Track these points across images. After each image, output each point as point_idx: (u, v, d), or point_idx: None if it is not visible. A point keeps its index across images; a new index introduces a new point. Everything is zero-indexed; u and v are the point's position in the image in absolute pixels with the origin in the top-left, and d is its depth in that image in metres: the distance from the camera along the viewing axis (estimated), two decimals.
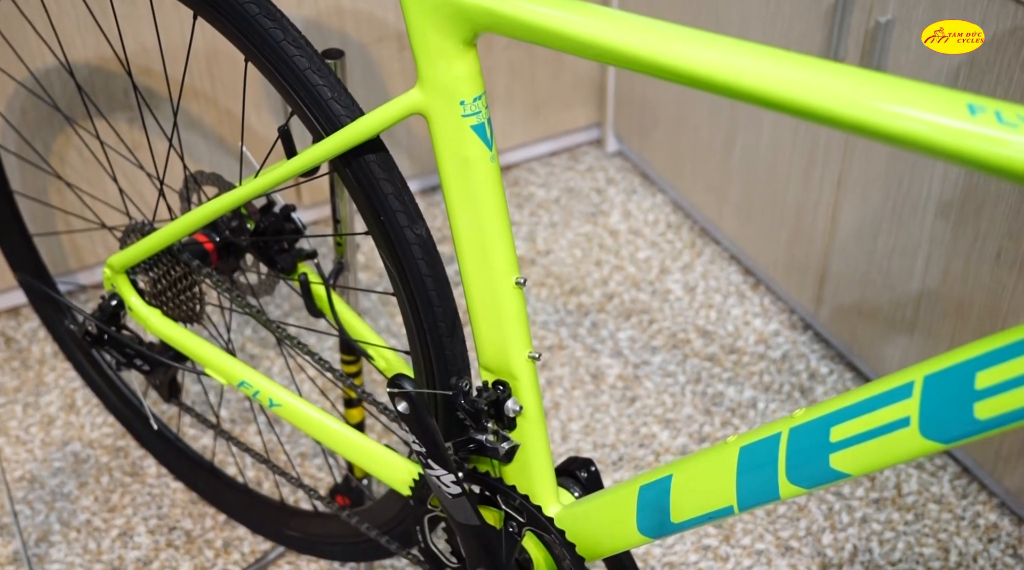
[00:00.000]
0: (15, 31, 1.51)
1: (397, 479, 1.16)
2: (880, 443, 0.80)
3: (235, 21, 1.01)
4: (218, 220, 1.25)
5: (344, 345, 1.32)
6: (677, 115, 1.95)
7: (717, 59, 0.76)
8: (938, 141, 0.69)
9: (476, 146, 0.92)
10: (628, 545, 1.02)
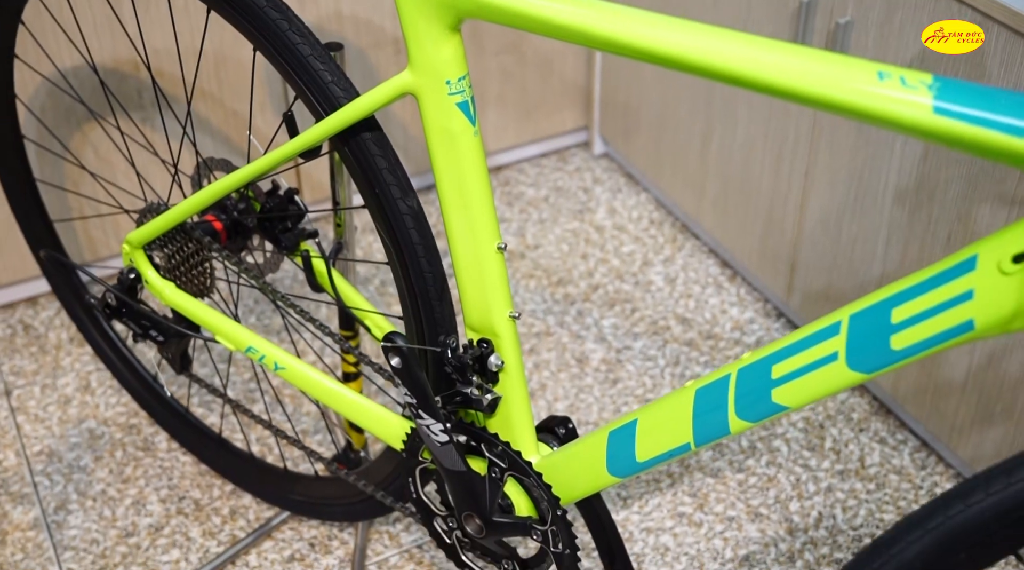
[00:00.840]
0: (40, 30, 1.62)
1: (391, 434, 1.27)
2: (814, 376, 0.91)
3: (245, 13, 1.12)
4: (227, 202, 1.36)
5: (343, 319, 1.43)
6: (658, 118, 2.07)
7: (669, 37, 0.87)
8: (853, 103, 0.80)
9: (461, 121, 1.04)
10: (599, 486, 1.13)
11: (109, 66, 1.77)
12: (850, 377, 0.89)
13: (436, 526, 1.28)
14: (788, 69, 0.82)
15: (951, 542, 0.82)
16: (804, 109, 1.70)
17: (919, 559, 0.83)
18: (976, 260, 0.80)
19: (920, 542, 0.83)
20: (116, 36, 1.75)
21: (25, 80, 1.67)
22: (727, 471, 1.71)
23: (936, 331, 0.83)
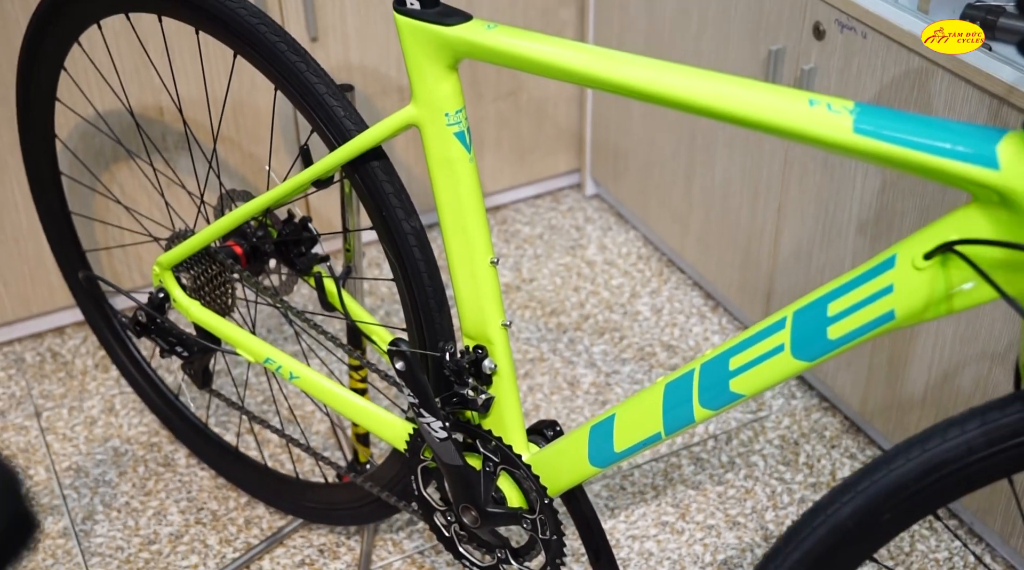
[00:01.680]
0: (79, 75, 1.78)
1: (394, 436, 1.40)
2: (765, 366, 1.05)
3: (268, 57, 1.28)
4: (247, 230, 1.50)
5: (351, 335, 1.56)
6: (645, 160, 2.22)
7: (635, 72, 1.02)
8: (788, 126, 0.95)
9: (458, 149, 1.18)
10: (582, 476, 1.26)
11: (137, 111, 1.93)
12: (795, 365, 1.03)
13: (436, 521, 1.41)
14: (737, 99, 0.97)
15: (877, 503, 0.95)
16: (776, 150, 1.85)
17: (851, 518, 0.96)
18: (895, 259, 0.94)
19: (852, 503, 0.96)
20: (143, 84, 1.90)
21: (59, 121, 1.82)
22: (707, 484, 1.83)
23: (864, 321, 0.97)
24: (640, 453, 1.27)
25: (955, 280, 0.91)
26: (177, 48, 1.83)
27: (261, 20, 1.29)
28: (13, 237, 1.98)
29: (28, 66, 1.55)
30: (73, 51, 1.54)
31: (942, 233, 0.91)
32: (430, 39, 1.13)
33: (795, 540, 0.98)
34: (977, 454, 0.92)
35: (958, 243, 0.89)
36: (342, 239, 1.58)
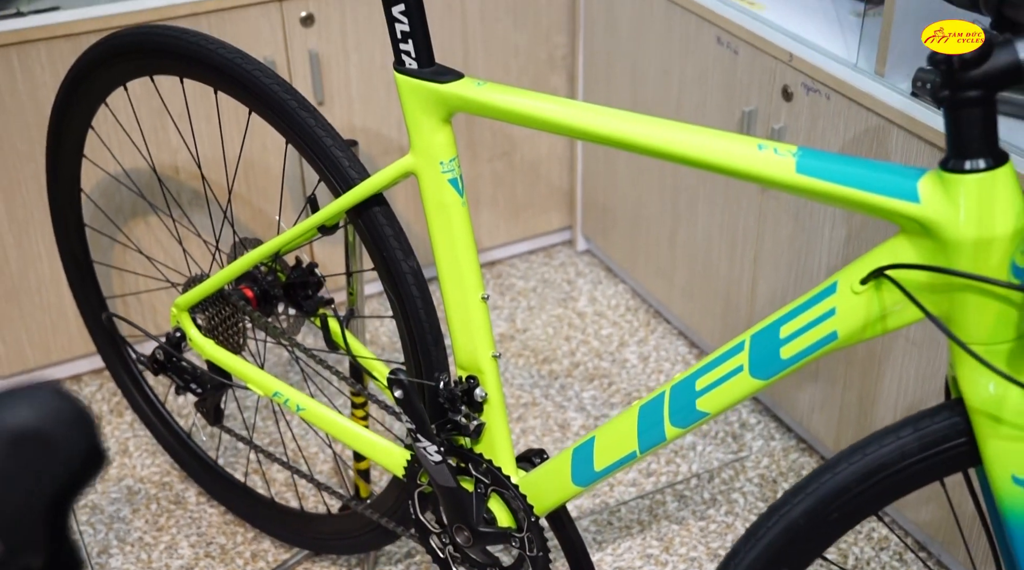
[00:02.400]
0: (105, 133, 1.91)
1: (393, 463, 1.50)
2: (727, 386, 1.16)
3: (280, 113, 1.41)
4: (257, 274, 1.63)
5: (353, 371, 1.68)
6: (632, 218, 2.35)
7: (606, 122, 1.15)
8: (740, 167, 1.07)
9: (452, 195, 1.31)
10: (567, 495, 1.36)
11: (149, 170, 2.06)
12: (753, 384, 1.14)
13: (432, 543, 1.51)
14: (697, 146, 1.10)
15: (825, 503, 1.06)
16: (751, 204, 1.98)
17: (802, 517, 1.07)
18: (836, 285, 1.06)
19: (802, 503, 1.06)
20: (159, 143, 2.04)
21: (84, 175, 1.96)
22: (690, 519, 1.93)
23: (812, 341, 1.08)
24: (617, 472, 1.37)
25: (888, 303, 1.03)
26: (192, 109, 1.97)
27: (274, 80, 1.42)
28: (36, 288, 2.11)
29: (59, 125, 1.69)
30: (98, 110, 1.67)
31: (875, 260, 1.03)
32: (426, 95, 1.26)
33: (753, 539, 1.09)
34: (911, 458, 1.04)
35: (887, 268, 1.01)
36: (346, 283, 1.70)
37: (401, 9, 1.24)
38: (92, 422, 0.55)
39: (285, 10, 2.07)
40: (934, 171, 0.98)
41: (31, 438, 0.53)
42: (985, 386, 0.99)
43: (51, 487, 0.54)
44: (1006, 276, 0.96)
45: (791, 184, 1.05)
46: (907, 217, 0.99)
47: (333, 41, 2.13)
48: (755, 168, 1.06)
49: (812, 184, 1.03)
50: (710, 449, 2.06)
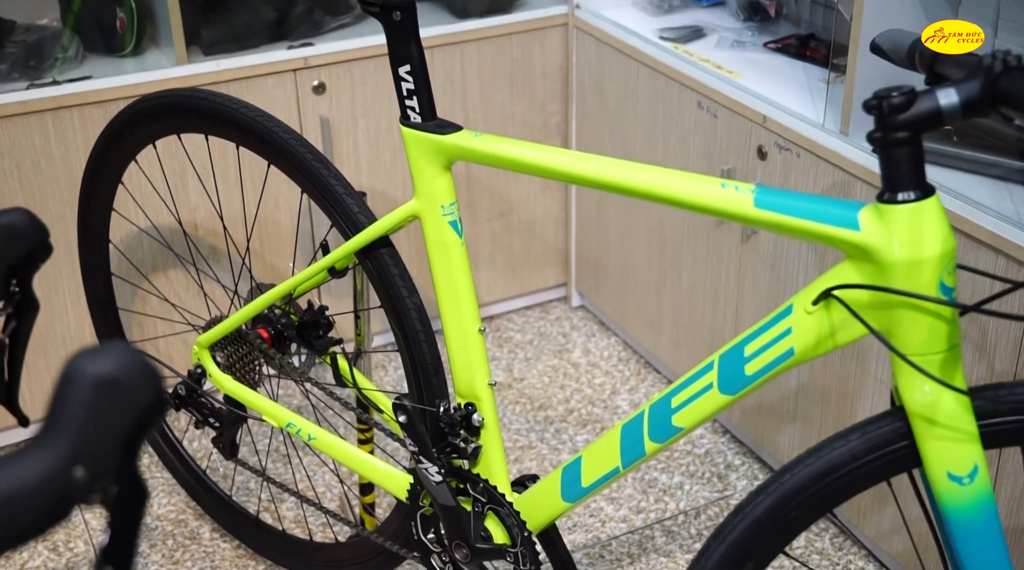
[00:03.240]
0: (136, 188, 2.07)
1: (397, 487, 1.62)
2: (699, 402, 1.29)
3: (296, 165, 1.56)
4: (272, 316, 1.76)
5: (360, 405, 1.80)
6: (622, 274, 2.49)
7: (590, 167, 1.30)
8: (707, 204, 1.21)
9: (452, 235, 1.45)
10: (557, 511, 1.48)
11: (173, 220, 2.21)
12: (723, 400, 1.27)
13: (433, 563, 1.63)
14: (668, 186, 1.24)
15: (784, 502, 1.18)
16: (732, 256, 2.12)
17: (764, 515, 1.19)
18: (792, 307, 1.20)
19: (764, 502, 1.19)
20: (181, 198, 2.19)
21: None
22: (678, 553, 2.04)
23: (772, 358, 1.22)
24: (602, 488, 1.48)
25: (836, 321, 1.16)
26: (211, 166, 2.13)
27: (292, 136, 1.57)
28: (62, 339, 2.24)
29: (92, 181, 1.84)
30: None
31: (824, 283, 1.16)
32: (429, 145, 1.41)
33: (721, 536, 1.21)
34: (860, 460, 1.16)
35: (834, 289, 1.15)
36: (354, 324, 1.84)
37: (407, 69, 1.40)
38: (157, 374, 0.68)
39: (299, 79, 2.24)
40: (872, 204, 1.12)
41: (110, 384, 0.66)
42: (922, 392, 1.12)
43: (125, 425, 0.67)
44: (936, 293, 1.09)
45: (750, 217, 1.19)
46: (849, 243, 1.13)
47: (342, 108, 2.30)
48: (719, 204, 1.21)
49: (768, 217, 1.18)
50: (697, 488, 2.17)
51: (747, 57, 2.17)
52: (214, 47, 2.22)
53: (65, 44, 2.18)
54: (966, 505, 1.13)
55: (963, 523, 1.14)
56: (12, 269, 1.04)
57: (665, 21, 2.35)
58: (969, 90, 1.05)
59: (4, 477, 0.65)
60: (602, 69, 2.38)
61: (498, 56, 2.41)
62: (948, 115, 1.06)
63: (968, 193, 1.65)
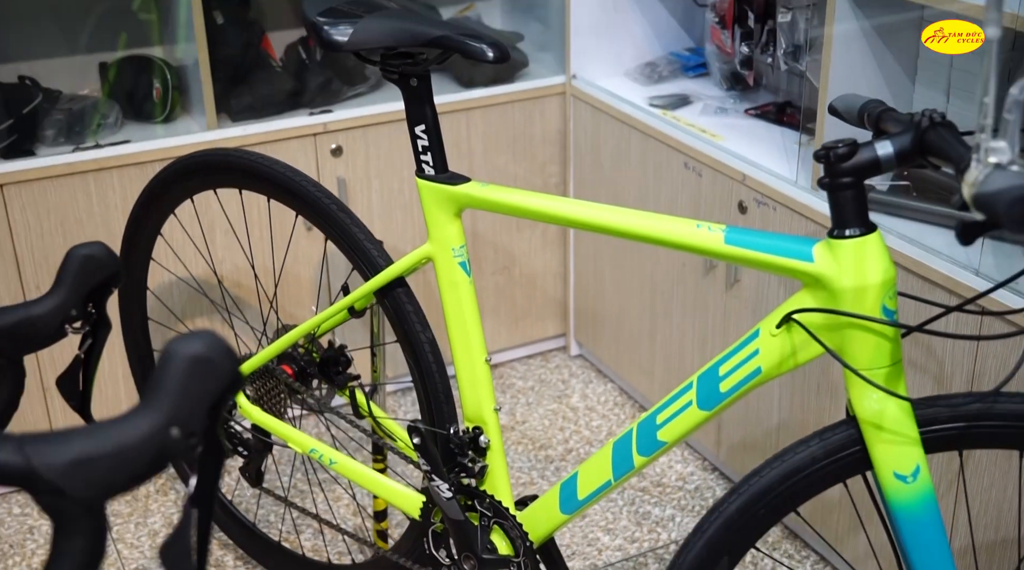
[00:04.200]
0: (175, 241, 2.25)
1: (410, 506, 1.79)
2: (681, 418, 1.46)
3: (322, 215, 1.75)
4: (296, 355, 1.94)
5: (375, 434, 1.97)
6: (616, 323, 2.67)
7: (580, 211, 1.48)
8: (683, 241, 1.40)
9: (462, 275, 1.64)
10: (556, 523, 1.64)
11: (205, 269, 2.40)
12: (701, 415, 1.44)
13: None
14: (651, 227, 1.43)
15: (754, 501, 1.35)
16: (717, 305, 2.30)
17: (737, 513, 1.35)
18: (759, 331, 1.37)
19: (736, 502, 1.36)
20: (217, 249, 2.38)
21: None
22: None
23: (743, 376, 1.39)
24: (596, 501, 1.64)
25: (796, 342, 1.34)
26: (238, 219, 2.32)
27: (317, 188, 1.77)
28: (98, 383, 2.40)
29: (134, 233, 2.03)
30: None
31: (785, 309, 1.34)
32: (441, 195, 1.60)
33: (699, 533, 1.38)
34: (819, 463, 1.33)
35: (794, 313, 1.33)
36: (370, 362, 2.02)
37: (422, 128, 1.59)
38: (235, 356, 0.86)
39: (318, 143, 2.44)
40: (824, 240, 1.31)
41: (200, 362, 0.83)
42: (871, 402, 1.30)
43: (210, 395, 0.84)
44: (879, 315, 1.27)
45: (721, 253, 1.37)
46: (805, 273, 1.31)
47: (358, 169, 2.50)
48: (695, 242, 1.39)
49: (736, 252, 1.36)
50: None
51: (729, 122, 2.38)
52: (241, 114, 2.42)
53: (104, 111, 2.39)
54: (911, 501, 1.30)
55: (909, 517, 1.31)
56: (91, 294, 1.22)
57: (655, 90, 2.56)
58: (902, 142, 1.24)
59: (117, 434, 0.82)
60: (597, 133, 2.58)
61: (501, 122, 2.62)
62: (884, 163, 1.25)
63: (923, 240, 1.84)
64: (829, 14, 1.92)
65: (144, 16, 2.56)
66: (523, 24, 2.80)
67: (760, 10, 2.33)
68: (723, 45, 2.46)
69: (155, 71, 2.42)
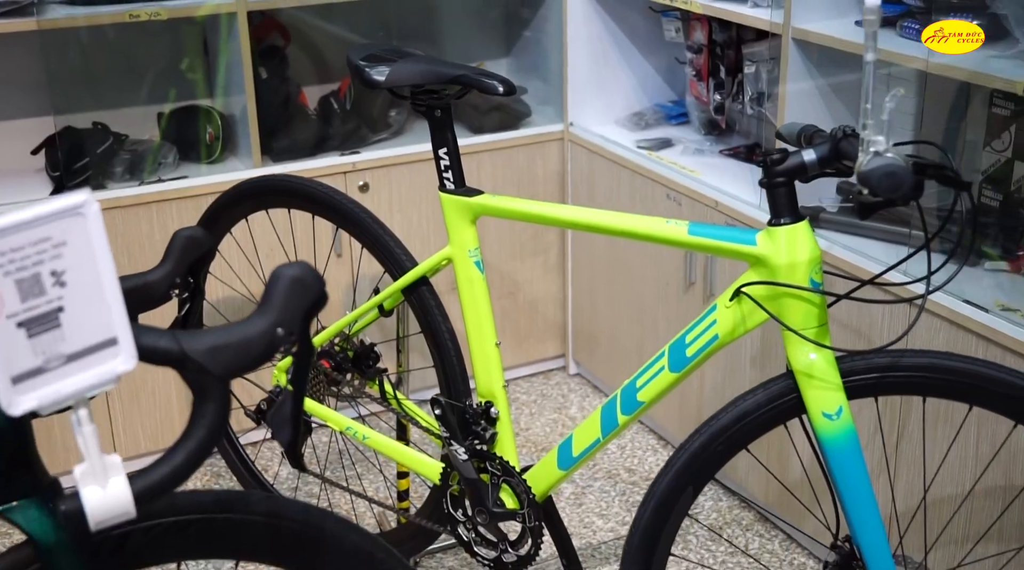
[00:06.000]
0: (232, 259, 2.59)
1: (432, 472, 2.11)
2: (655, 381, 1.80)
3: (359, 226, 2.10)
4: (333, 351, 2.27)
5: (399, 418, 2.30)
6: (610, 342, 3.01)
7: (580, 214, 1.84)
8: (654, 233, 1.75)
9: (476, 273, 1.98)
10: (555, 478, 1.97)
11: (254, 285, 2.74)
12: (672, 377, 1.78)
13: (459, 531, 2.10)
14: (633, 224, 1.78)
15: (713, 438, 1.68)
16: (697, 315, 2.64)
17: (699, 448, 1.68)
18: (716, 305, 1.72)
19: (698, 439, 1.69)
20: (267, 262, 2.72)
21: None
22: None
23: (704, 342, 1.73)
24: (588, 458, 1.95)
25: (745, 311, 1.68)
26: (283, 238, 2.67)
27: (355, 205, 2.12)
28: (152, 390, 2.74)
29: None
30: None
31: (736, 284, 1.69)
32: (460, 205, 1.96)
33: (668, 467, 1.70)
34: (763, 408, 1.67)
35: (743, 287, 1.67)
36: (396, 358, 2.36)
37: (444, 151, 1.95)
38: (322, 279, 1.20)
39: (348, 179, 2.80)
40: (764, 229, 1.65)
41: (298, 281, 1.17)
42: (804, 355, 1.63)
43: (305, 306, 1.17)
44: (808, 285, 1.62)
45: (685, 242, 1.72)
46: (750, 255, 1.66)
47: (382, 203, 2.85)
48: (665, 234, 1.74)
49: (696, 241, 1.71)
50: None
51: (705, 161, 2.74)
52: (281, 155, 2.79)
53: (164, 153, 2.75)
54: (836, 435, 1.63)
55: (834, 448, 1.64)
56: (190, 268, 1.56)
57: (641, 135, 2.93)
58: (822, 150, 1.60)
59: (241, 331, 1.16)
60: (592, 173, 2.94)
61: (508, 164, 2.98)
62: (809, 167, 1.61)
63: (864, 250, 2.19)
64: (783, 66, 2.30)
65: (191, 75, 2.94)
66: (527, 80, 3.17)
67: (730, 64, 2.70)
68: (700, 96, 2.83)
69: (208, 118, 2.79)
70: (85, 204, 1.02)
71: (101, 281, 1.07)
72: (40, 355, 1.04)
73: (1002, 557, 1.92)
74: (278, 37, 2.91)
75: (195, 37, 2.86)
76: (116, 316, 1.09)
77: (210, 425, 1.17)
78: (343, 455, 2.79)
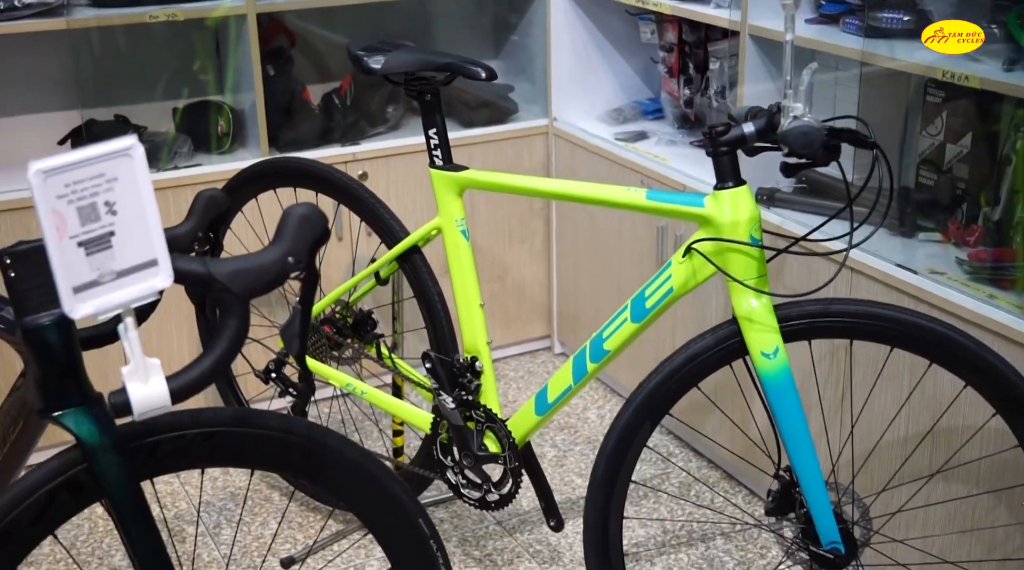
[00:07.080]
0: None
1: (423, 423, 2.34)
2: (620, 331, 2.03)
3: (357, 200, 2.34)
4: (335, 318, 2.51)
5: (394, 378, 2.53)
6: (592, 322, 3.23)
7: (553, 185, 2.08)
8: (618, 200, 1.99)
9: (462, 240, 2.22)
10: (533, 423, 2.20)
11: None
12: (634, 327, 2.02)
13: (448, 475, 2.33)
14: (600, 192, 2.03)
15: (668, 377, 1.91)
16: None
17: (655, 387, 1.92)
18: (671, 262, 1.95)
19: (655, 378, 1.92)
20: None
21: None
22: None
23: (661, 294, 1.97)
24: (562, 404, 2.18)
25: (696, 265, 1.92)
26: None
27: (354, 182, 2.37)
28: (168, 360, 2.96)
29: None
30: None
31: (688, 242, 1.92)
32: (448, 179, 2.20)
33: (629, 403, 1.94)
34: (712, 349, 1.90)
35: (693, 243, 1.91)
36: (391, 324, 2.59)
37: (434, 130, 2.20)
38: (326, 217, 1.43)
39: (348, 169, 3.04)
40: (711, 193, 1.89)
41: (306, 217, 1.41)
42: (746, 302, 1.87)
43: (312, 238, 1.41)
44: (748, 240, 1.85)
45: (644, 206, 1.97)
46: (699, 216, 1.89)
47: (379, 190, 3.05)
48: (626, 199, 1.98)
49: (653, 205, 1.95)
50: (644, 467, 2.88)
51: (677, 151, 2.98)
52: (287, 146, 3.03)
53: (179, 144, 3.00)
54: (773, 372, 1.86)
55: (772, 384, 1.87)
56: (211, 224, 1.79)
57: (620, 129, 3.17)
58: (759, 123, 1.84)
59: (258, 258, 1.39)
60: (574, 163, 3.19)
61: (496, 156, 3.22)
62: (748, 138, 1.84)
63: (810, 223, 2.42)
64: (741, 61, 2.54)
65: (202, 76, 3.19)
66: (514, 80, 3.42)
67: (699, 61, 2.95)
68: (673, 91, 3.08)
69: (220, 112, 3.04)
70: (133, 147, 1.26)
71: (145, 211, 1.29)
72: (95, 270, 1.27)
73: (920, 481, 2.16)
74: (284, 39, 3.16)
75: (208, 39, 3.11)
76: (156, 242, 1.31)
77: (232, 336, 1.41)
78: (344, 424, 3.02)
